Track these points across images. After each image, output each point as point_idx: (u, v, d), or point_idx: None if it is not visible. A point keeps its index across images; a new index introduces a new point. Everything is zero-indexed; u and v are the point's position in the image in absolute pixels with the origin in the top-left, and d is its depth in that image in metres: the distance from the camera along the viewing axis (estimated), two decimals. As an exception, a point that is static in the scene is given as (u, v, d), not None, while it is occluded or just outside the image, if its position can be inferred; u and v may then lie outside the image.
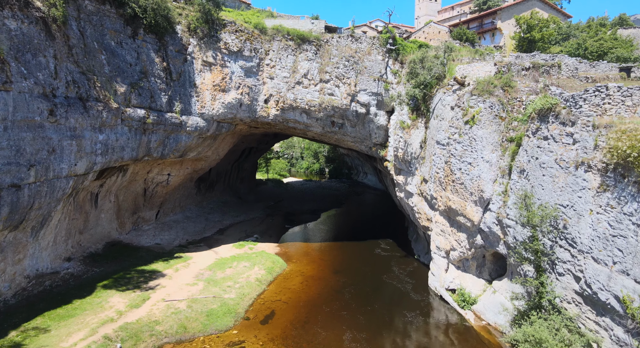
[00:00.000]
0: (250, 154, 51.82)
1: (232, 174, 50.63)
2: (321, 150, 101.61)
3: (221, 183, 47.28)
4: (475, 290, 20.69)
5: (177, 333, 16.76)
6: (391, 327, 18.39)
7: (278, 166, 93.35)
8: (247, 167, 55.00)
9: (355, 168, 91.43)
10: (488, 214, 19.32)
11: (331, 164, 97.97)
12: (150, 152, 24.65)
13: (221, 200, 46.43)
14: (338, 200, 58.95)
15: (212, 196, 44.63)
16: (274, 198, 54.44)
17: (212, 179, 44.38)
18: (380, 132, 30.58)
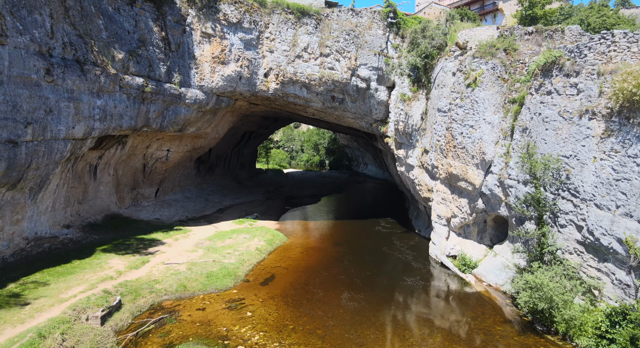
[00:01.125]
0: (250, 140, 51.61)
1: (232, 160, 50.45)
2: (321, 142, 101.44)
3: (221, 166, 47.10)
4: (476, 255, 20.54)
5: (176, 291, 16.62)
6: (389, 288, 18.24)
7: (278, 157, 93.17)
8: (247, 153, 54.80)
9: (356, 159, 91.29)
10: (489, 177, 19.14)
11: (331, 156, 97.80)
12: (149, 123, 24.45)
13: (221, 184, 46.26)
14: (338, 187, 58.83)
15: (211, 180, 44.47)
16: (274, 185, 54.30)
17: (212, 162, 44.20)
18: (380, 108, 30.35)
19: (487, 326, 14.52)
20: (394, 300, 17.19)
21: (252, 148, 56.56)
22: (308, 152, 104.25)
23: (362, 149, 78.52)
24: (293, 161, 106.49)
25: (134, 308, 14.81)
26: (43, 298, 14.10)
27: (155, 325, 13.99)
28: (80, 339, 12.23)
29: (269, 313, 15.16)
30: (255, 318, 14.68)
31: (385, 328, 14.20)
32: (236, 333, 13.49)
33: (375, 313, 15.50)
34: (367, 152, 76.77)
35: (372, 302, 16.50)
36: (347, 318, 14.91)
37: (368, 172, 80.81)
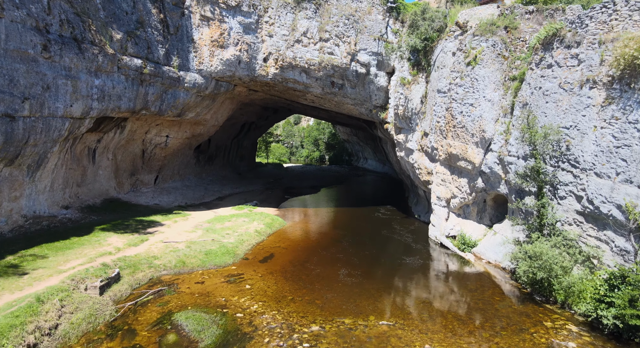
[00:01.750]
0: (250, 131, 51.52)
1: (232, 151, 50.37)
2: (321, 137, 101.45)
3: (220, 157, 47.04)
4: (476, 235, 20.48)
5: (175, 266, 16.56)
6: (388, 266, 18.18)
7: (278, 151, 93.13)
8: (246, 145, 54.72)
9: (356, 154, 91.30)
10: (489, 155, 19.07)
11: (331, 151, 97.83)
12: (147, 105, 24.35)
13: (220, 174, 46.21)
14: (338, 179, 58.84)
15: (211, 170, 44.40)
16: (273, 177, 54.28)
17: (212, 153, 44.13)
18: (380, 93, 30.26)
19: (485, 297, 14.47)
20: (392, 275, 17.14)
21: (252, 140, 56.47)
22: (308, 147, 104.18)
23: (362, 143, 78.47)
24: (293, 156, 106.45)
25: (133, 280, 14.75)
26: (41, 269, 14.06)
27: (154, 296, 13.94)
28: (78, 306, 12.17)
29: (268, 286, 15.11)
30: (254, 290, 14.63)
31: (384, 299, 14.15)
32: (235, 303, 13.44)
33: (374, 286, 15.45)
34: (366, 146, 76.72)
35: (371, 278, 16.45)
36: (345, 290, 14.85)
37: (368, 166, 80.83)
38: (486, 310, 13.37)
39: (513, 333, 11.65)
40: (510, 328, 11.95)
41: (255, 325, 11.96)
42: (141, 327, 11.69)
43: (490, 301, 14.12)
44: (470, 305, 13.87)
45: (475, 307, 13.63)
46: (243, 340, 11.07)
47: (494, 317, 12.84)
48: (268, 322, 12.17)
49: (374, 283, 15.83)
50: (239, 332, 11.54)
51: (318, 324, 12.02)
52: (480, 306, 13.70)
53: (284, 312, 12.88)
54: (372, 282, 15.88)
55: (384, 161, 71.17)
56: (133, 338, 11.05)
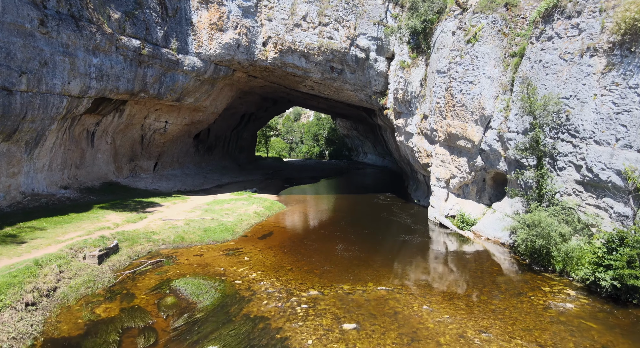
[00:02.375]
0: (249, 122, 51.45)
1: (232, 142, 50.33)
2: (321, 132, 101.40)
3: (220, 147, 47.00)
4: (475, 214, 20.45)
5: (174, 241, 16.53)
6: (386, 242, 18.17)
7: (278, 146, 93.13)
8: (246, 136, 54.67)
9: (355, 148, 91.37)
10: (489, 132, 19.03)
11: (331, 146, 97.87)
12: (146, 87, 24.29)
13: (220, 164, 46.17)
14: (338, 171, 58.90)
15: (210, 159, 44.37)
16: (273, 168, 54.30)
17: (211, 143, 44.09)
18: (380, 79, 30.20)
19: (484, 267, 14.45)
20: (391, 251, 17.13)
21: (252, 132, 56.41)
22: (308, 143, 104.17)
23: (361, 137, 78.46)
24: (293, 152, 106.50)
25: (131, 252, 14.73)
26: (40, 239, 14.04)
27: (152, 266, 13.91)
28: (77, 272, 12.15)
29: (267, 258, 15.08)
30: (253, 262, 14.61)
31: (382, 269, 14.12)
32: (233, 272, 13.42)
33: (372, 259, 15.42)
34: (366, 140, 76.71)
35: (369, 252, 16.42)
36: (343, 262, 14.82)
37: (368, 161, 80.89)
38: (484, 278, 13.35)
39: (511, 296, 11.63)
40: (508, 293, 11.93)
41: (254, 290, 11.94)
42: (140, 291, 11.67)
43: (489, 270, 14.10)
44: (468, 274, 13.85)
45: (474, 276, 13.61)
46: (241, 302, 11.05)
47: (492, 283, 12.82)
48: (266, 287, 12.14)
49: (372, 256, 15.81)
50: (237, 295, 11.52)
51: (316, 289, 11.99)
52: (478, 274, 13.68)
53: (282, 279, 12.86)
54: (370, 256, 15.85)
55: (383, 155, 71.23)
56: (132, 300, 11.03)
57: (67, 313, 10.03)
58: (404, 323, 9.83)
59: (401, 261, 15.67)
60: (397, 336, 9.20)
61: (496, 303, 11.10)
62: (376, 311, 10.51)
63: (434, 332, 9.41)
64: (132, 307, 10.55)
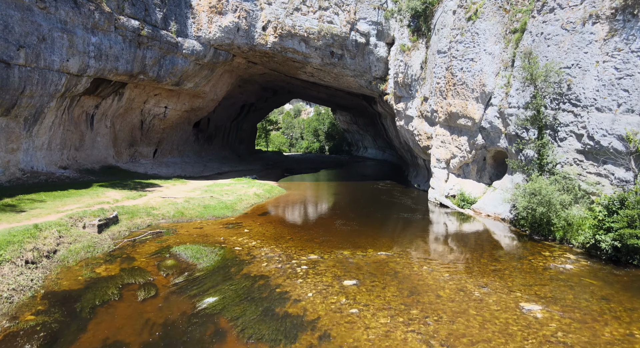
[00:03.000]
0: (249, 113, 51.37)
1: (232, 133, 50.28)
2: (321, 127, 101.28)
3: (220, 138, 46.95)
4: (475, 193, 20.41)
5: (174, 216, 16.50)
6: (385, 219, 18.12)
7: (278, 140, 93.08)
8: (246, 128, 54.60)
9: (355, 143, 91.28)
10: (489, 110, 18.98)
11: (331, 141, 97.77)
12: (145, 69, 24.22)
13: (220, 155, 46.13)
14: (338, 164, 58.95)
15: (210, 149, 44.32)
16: (273, 160, 54.32)
17: (211, 132, 44.04)
18: (380, 64, 30.14)
19: (483, 238, 14.44)
20: (390, 225, 17.11)
21: (251, 123, 56.34)
22: (308, 138, 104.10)
23: (361, 131, 78.43)
24: (293, 148, 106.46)
25: (131, 224, 14.70)
26: (39, 209, 14.02)
27: (152, 236, 13.88)
28: (77, 239, 12.12)
29: (266, 230, 15.05)
30: (253, 233, 14.58)
31: (382, 239, 14.08)
32: (233, 241, 13.38)
33: (372, 231, 15.39)
34: (366, 134, 76.67)
35: (369, 226, 16.40)
36: (343, 233, 14.79)
37: (368, 155, 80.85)
38: (484, 246, 13.33)
39: (510, 260, 11.60)
40: (508, 257, 11.91)
41: (254, 255, 11.91)
42: (140, 256, 11.64)
43: (489, 240, 14.08)
44: (468, 244, 13.82)
45: (474, 245, 13.58)
46: (241, 264, 11.02)
47: (492, 250, 12.80)
48: (266, 253, 12.12)
49: (372, 230, 15.78)
50: (237, 258, 11.49)
51: (316, 254, 11.96)
52: (478, 243, 13.66)
53: (282, 246, 12.84)
54: (370, 229, 15.82)
55: (383, 149, 71.26)
56: (132, 262, 10.99)
57: (67, 272, 10.00)
58: (403, 280, 9.80)
59: (401, 234, 15.65)
60: (397, 290, 9.18)
61: (496, 265, 11.07)
62: (376, 271, 10.48)
63: (434, 287, 9.39)
64: (132, 268, 10.53)
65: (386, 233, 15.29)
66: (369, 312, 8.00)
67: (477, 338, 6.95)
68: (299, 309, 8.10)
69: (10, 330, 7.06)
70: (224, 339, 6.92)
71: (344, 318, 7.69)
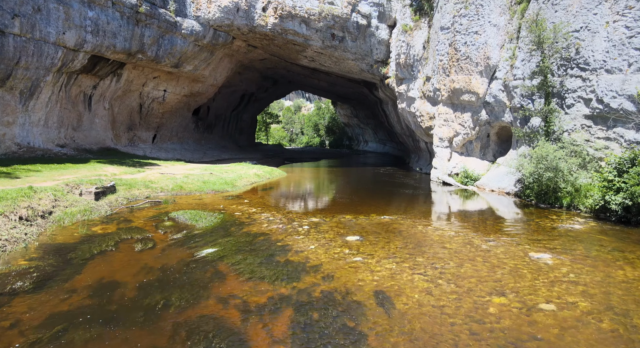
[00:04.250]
0: (249, 103, 51.02)
1: (231, 123, 49.95)
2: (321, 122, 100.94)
3: (220, 127, 46.63)
4: (479, 170, 20.12)
5: (172, 190, 16.20)
6: (389, 195, 17.81)
7: (278, 134, 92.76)
8: (246, 118, 54.24)
9: (356, 137, 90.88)
10: (494, 83, 18.66)
11: (332, 136, 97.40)
12: (144, 48, 23.89)
13: (220, 144, 45.82)
14: (339, 155, 58.75)
15: (210, 138, 44.02)
16: (273, 151, 54.12)
17: (211, 121, 43.72)
18: (381, 47, 29.80)
19: (488, 207, 14.14)
20: (392, 200, 16.81)
21: (251, 114, 55.98)
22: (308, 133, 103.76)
23: (362, 125, 78.03)
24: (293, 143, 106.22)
25: (129, 194, 14.41)
26: (35, 177, 13.75)
27: (150, 204, 13.60)
28: (73, 203, 11.84)
29: (267, 201, 14.78)
30: (253, 203, 14.29)
31: (386, 207, 13.81)
32: (233, 209, 13.10)
33: (375, 202, 15.12)
34: (367, 127, 76.27)
35: (370, 200, 16.14)
36: (345, 205, 14.50)
37: (369, 149, 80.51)
38: (489, 213, 13.04)
39: (516, 222, 11.32)
40: (514, 220, 11.62)
41: (254, 218, 11.63)
42: (138, 219, 11.35)
43: (492, 209, 13.79)
44: (473, 212, 13.53)
45: (479, 213, 13.30)
46: (241, 225, 10.74)
47: (497, 216, 12.51)
48: (267, 217, 11.83)
49: (374, 202, 15.52)
50: (237, 221, 11.21)
51: (318, 218, 11.68)
52: (483, 211, 13.37)
53: (283, 212, 12.56)
54: (373, 202, 15.56)
55: (384, 142, 70.97)
56: (129, 224, 10.72)
57: (63, 230, 9.72)
58: (408, 237, 9.52)
59: (404, 206, 15.35)
60: (401, 244, 8.90)
61: (502, 226, 10.80)
62: (380, 230, 10.20)
63: (439, 241, 9.11)
64: (129, 227, 10.25)
65: (389, 205, 15.00)
66: (373, 259, 7.72)
67: (485, 278, 6.67)
68: (301, 258, 7.83)
69: (2, 272, 6.79)
70: (223, 279, 6.64)
71: (348, 265, 7.41)
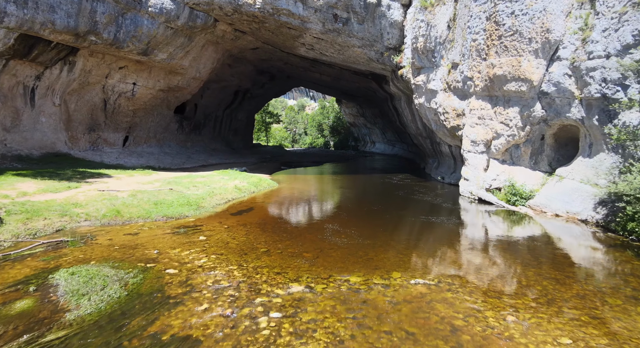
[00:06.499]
0: (244, 101, 46.17)
1: (224, 123, 45.15)
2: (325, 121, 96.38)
3: (210, 128, 41.84)
4: (531, 184, 15.00)
5: (104, 217, 11.32)
6: (407, 223, 12.76)
7: (279, 135, 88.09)
8: (241, 118, 49.40)
9: (362, 138, 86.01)
10: (555, 66, 13.56)
11: (336, 136, 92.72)
12: (97, 29, 19.06)
13: (210, 146, 41.00)
14: (344, 158, 53.66)
15: (198, 140, 39.22)
16: (271, 154, 49.22)
17: (199, 121, 38.92)
18: (394, 31, 24.75)
19: (569, 251, 9.05)
20: (416, 231, 11.76)
21: (247, 113, 51.12)
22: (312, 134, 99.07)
23: (369, 124, 73.08)
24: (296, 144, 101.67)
25: (23, 229, 9.54)
26: None
27: (46, 248, 8.72)
28: None
29: (233, 238, 9.82)
30: (210, 242, 9.36)
31: (410, 251, 8.79)
32: (172, 257, 8.18)
33: (393, 238, 10.13)
34: (374, 127, 71.29)
35: (385, 232, 11.14)
36: (350, 244, 9.49)
37: (376, 150, 75.49)
38: (581, 267, 7.96)
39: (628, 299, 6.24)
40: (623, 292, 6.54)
41: (193, 284, 6.69)
42: (-15, 288, 6.48)
43: (581, 255, 8.69)
44: (554, 262, 8.44)
45: (563, 263, 8.21)
46: (160, 307, 5.80)
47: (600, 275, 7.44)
48: (217, 280, 6.90)
49: (392, 237, 10.52)
50: (159, 294, 6.27)
51: (303, 284, 6.71)
52: (567, 261, 8.29)
53: (248, 267, 7.59)
54: (389, 237, 10.56)
55: (393, 143, 66.10)
56: (-51, 305, 5.83)
57: None
58: (485, 358, 4.51)
59: (441, 244, 10.31)
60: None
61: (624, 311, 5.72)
62: (415, 326, 5.21)
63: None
64: None
65: (417, 248, 9.97)
66: None
67: None
68: None
69: None
70: None
71: None
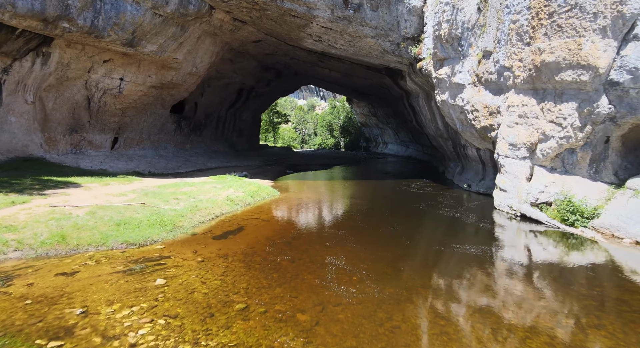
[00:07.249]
0: (249, 99, 43.61)
1: (228, 123, 42.66)
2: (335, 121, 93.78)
3: (212, 128, 39.35)
4: (592, 199, 11.91)
5: (42, 245, 8.67)
6: (439, 260, 9.81)
7: (288, 135, 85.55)
8: (246, 118, 46.85)
9: (374, 138, 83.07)
10: (631, 48, 10.50)
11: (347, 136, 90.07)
12: (69, 14, 16.53)
13: (211, 148, 38.50)
14: (355, 160, 50.68)
15: (199, 141, 36.74)
16: (278, 156, 46.56)
17: (199, 121, 36.44)
18: (412, 18, 21.80)
19: None
20: (456, 271, 8.81)
21: (253, 112, 48.55)
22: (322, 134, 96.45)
23: (381, 125, 70.08)
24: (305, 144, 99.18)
25: None
26: None
27: None
28: None
29: (204, 281, 7.05)
30: (169, 290, 6.61)
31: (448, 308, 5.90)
32: (99, 323, 5.43)
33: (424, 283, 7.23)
34: (387, 127, 68.25)
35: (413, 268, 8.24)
36: (367, 292, 6.65)
37: (388, 151, 72.41)
38: None
39: None
40: None
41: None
42: None
43: None
44: None
45: None
46: None
47: None
48: (144, 386, 4.11)
49: (424, 280, 7.63)
50: None
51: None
52: None
53: (210, 344, 4.79)
54: (421, 279, 7.68)
55: (407, 143, 63.08)
56: None
57: None
58: None
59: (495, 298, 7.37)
60: None
61: None
62: None
63: None
64: None
65: (456, 296, 7.07)
66: None
67: None
68: None
69: None
70: None
71: None
